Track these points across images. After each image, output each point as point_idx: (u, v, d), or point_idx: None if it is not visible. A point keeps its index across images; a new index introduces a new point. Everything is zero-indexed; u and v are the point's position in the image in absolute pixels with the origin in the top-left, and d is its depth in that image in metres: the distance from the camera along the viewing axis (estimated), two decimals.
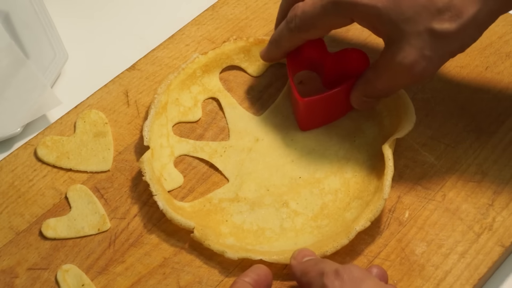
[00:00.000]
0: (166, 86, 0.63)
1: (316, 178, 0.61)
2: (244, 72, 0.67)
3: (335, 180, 0.61)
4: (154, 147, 0.61)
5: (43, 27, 0.72)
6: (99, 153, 0.63)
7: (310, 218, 0.59)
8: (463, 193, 0.60)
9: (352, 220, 0.57)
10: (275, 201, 0.60)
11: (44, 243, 0.59)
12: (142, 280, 0.57)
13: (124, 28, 0.75)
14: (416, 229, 0.58)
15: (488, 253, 0.57)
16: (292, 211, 0.60)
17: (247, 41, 0.67)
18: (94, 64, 0.73)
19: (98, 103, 0.66)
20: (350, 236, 0.55)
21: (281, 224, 0.59)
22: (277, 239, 0.58)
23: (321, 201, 0.60)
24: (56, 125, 0.65)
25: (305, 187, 0.61)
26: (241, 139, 0.64)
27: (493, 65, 0.66)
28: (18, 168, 0.63)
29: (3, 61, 0.69)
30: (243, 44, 0.67)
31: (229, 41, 0.67)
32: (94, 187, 0.61)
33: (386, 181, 0.57)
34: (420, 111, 0.63)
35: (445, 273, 0.56)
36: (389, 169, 0.57)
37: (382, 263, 0.57)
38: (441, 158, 0.62)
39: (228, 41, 0.67)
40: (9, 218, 0.60)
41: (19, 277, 0.57)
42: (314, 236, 0.58)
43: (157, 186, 0.58)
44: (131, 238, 0.59)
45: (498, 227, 0.58)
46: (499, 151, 0.62)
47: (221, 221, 0.59)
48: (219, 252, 0.56)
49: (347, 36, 0.68)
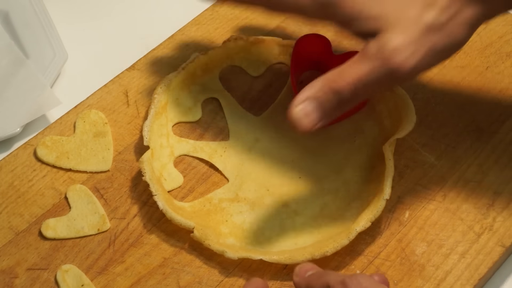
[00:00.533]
0: (166, 86, 0.63)
1: (316, 178, 0.61)
2: (244, 72, 0.67)
3: (335, 180, 0.61)
4: (154, 147, 0.61)
5: (42, 27, 0.71)
6: (98, 153, 0.63)
7: (310, 218, 0.59)
8: (463, 193, 0.60)
9: (352, 220, 0.57)
10: (275, 201, 0.60)
11: (44, 243, 0.59)
12: (142, 280, 0.57)
13: (124, 28, 0.75)
14: (416, 229, 0.58)
15: (489, 253, 0.57)
16: (292, 211, 0.59)
17: (247, 41, 0.67)
18: (93, 64, 0.73)
19: (97, 103, 0.66)
20: (350, 237, 0.55)
21: (281, 224, 0.59)
22: (277, 239, 0.58)
23: (321, 201, 0.60)
24: (55, 125, 0.65)
25: (305, 187, 0.61)
26: (241, 139, 0.64)
27: (494, 65, 0.66)
28: (18, 168, 0.62)
29: (3, 61, 0.69)
30: (243, 44, 0.67)
31: (229, 41, 0.66)
32: (94, 187, 0.61)
33: (386, 182, 0.57)
34: (420, 111, 0.63)
35: (446, 273, 0.56)
36: (389, 170, 0.57)
37: (382, 263, 0.57)
38: (442, 158, 0.62)
39: (228, 40, 0.67)
40: (9, 218, 0.60)
41: (18, 277, 0.57)
42: (314, 236, 0.58)
43: (157, 186, 0.58)
44: (131, 238, 0.59)
45: (499, 227, 0.58)
46: (499, 151, 0.62)
47: (221, 221, 0.59)
48: (219, 252, 0.56)
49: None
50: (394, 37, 0.49)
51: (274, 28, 0.70)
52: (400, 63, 0.49)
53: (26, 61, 0.69)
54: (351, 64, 0.50)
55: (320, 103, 0.50)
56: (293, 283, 0.50)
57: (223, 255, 0.56)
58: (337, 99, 0.50)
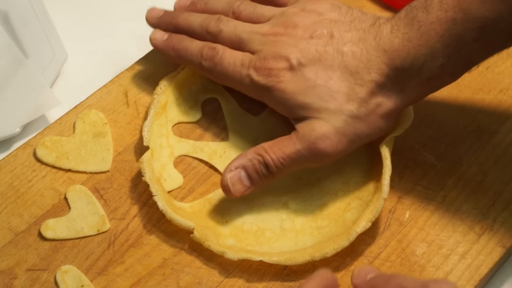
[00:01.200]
0: (166, 86, 0.63)
1: (316, 178, 0.61)
2: None
3: (335, 180, 0.61)
4: (153, 147, 0.61)
5: (42, 27, 0.71)
6: (98, 153, 0.63)
7: (310, 219, 0.59)
8: (463, 194, 0.60)
9: (352, 221, 0.57)
10: (275, 202, 0.60)
11: (43, 243, 0.59)
12: (142, 281, 0.57)
13: (124, 28, 0.75)
14: (416, 230, 0.58)
15: (489, 254, 0.57)
16: (292, 212, 0.59)
17: None
18: (93, 64, 0.72)
19: (97, 103, 0.66)
20: (350, 238, 0.55)
21: (281, 224, 0.59)
22: (277, 240, 0.58)
23: (321, 202, 0.60)
24: (55, 125, 0.65)
25: (305, 188, 0.60)
26: (241, 139, 0.63)
27: (494, 65, 0.66)
28: (17, 168, 0.62)
29: (2, 61, 0.69)
30: None
31: None
32: (94, 188, 0.61)
33: (384, 181, 0.56)
34: (420, 111, 0.62)
35: (446, 273, 0.56)
36: (386, 168, 0.57)
37: (382, 264, 0.57)
38: (442, 159, 0.62)
39: None
40: (8, 218, 0.60)
41: (18, 278, 0.57)
42: (314, 237, 0.58)
43: (156, 187, 0.58)
44: (131, 238, 0.59)
45: (499, 228, 0.58)
46: (500, 152, 0.62)
47: (221, 222, 0.59)
48: (219, 253, 0.56)
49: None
50: (319, 125, 0.55)
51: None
52: (324, 148, 0.55)
53: (25, 61, 0.69)
54: (282, 141, 0.57)
55: (249, 173, 0.57)
56: (353, 285, 0.48)
57: (223, 255, 0.56)
58: (266, 171, 0.57)
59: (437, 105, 0.64)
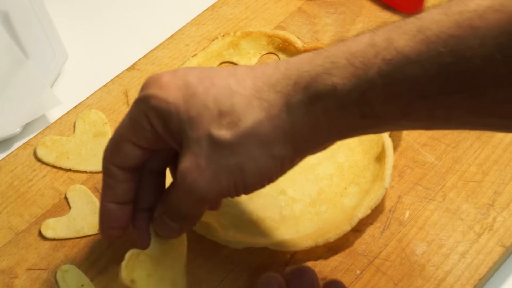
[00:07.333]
0: None
1: (310, 165, 0.61)
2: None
3: (329, 165, 0.61)
4: None
5: (42, 27, 0.71)
6: (98, 153, 0.63)
7: (308, 204, 0.59)
8: (463, 193, 0.60)
9: (351, 207, 0.58)
10: (272, 190, 0.60)
11: (44, 243, 0.59)
12: None
13: (124, 28, 0.75)
14: (416, 229, 0.58)
15: (489, 253, 0.57)
16: (290, 198, 0.60)
17: (234, 36, 0.67)
18: (93, 64, 0.72)
19: (97, 103, 0.66)
20: (352, 223, 0.56)
21: (280, 212, 0.59)
22: (277, 228, 0.58)
23: (317, 187, 0.60)
24: (55, 125, 0.65)
25: (300, 174, 0.61)
26: None
27: None
28: (18, 168, 0.62)
29: (2, 61, 0.69)
30: (231, 39, 0.67)
31: (217, 39, 0.67)
32: (94, 187, 0.61)
33: (387, 170, 0.57)
34: None
35: (446, 273, 0.56)
36: (389, 158, 0.58)
37: (382, 263, 0.57)
38: (442, 158, 0.62)
39: (216, 38, 0.67)
40: (9, 218, 0.60)
41: (18, 278, 0.57)
42: (314, 223, 0.58)
43: None
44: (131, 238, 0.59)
45: (499, 227, 0.58)
46: (499, 151, 0.62)
47: (220, 213, 0.59)
48: (223, 243, 0.56)
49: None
50: (183, 158, 0.45)
51: (274, 28, 0.70)
52: (189, 184, 0.45)
53: (26, 61, 0.69)
54: (169, 188, 0.49)
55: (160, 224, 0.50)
56: None
57: (228, 246, 0.56)
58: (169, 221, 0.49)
59: None
